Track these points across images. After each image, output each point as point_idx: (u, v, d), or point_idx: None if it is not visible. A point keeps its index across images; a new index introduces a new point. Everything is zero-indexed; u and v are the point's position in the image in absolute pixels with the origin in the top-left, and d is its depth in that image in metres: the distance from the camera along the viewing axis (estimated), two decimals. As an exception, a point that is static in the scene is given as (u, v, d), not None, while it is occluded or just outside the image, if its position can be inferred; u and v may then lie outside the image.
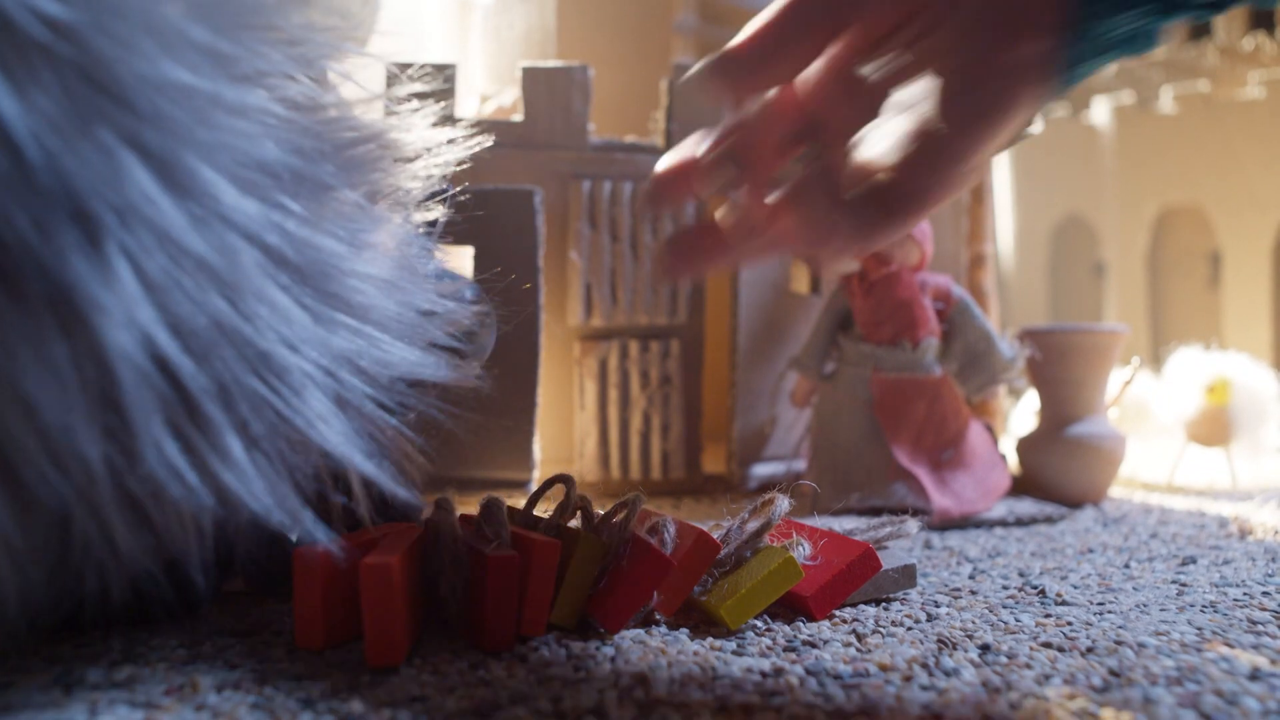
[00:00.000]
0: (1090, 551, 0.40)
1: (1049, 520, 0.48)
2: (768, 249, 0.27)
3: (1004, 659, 0.26)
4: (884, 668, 0.25)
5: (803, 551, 0.30)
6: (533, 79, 0.51)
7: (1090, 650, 0.26)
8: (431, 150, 0.29)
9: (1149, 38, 0.25)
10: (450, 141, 0.29)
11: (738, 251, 0.27)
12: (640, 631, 0.28)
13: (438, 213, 0.33)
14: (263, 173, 0.22)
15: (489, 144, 0.33)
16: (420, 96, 0.29)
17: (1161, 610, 0.31)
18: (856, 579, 0.30)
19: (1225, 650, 0.26)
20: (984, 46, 0.24)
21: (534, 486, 0.47)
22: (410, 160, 0.28)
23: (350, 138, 0.26)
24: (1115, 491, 0.59)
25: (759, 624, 0.29)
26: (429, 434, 0.35)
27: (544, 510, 0.32)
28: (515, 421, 0.46)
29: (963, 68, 0.24)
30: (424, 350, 0.27)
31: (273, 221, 0.22)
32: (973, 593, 0.33)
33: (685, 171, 0.28)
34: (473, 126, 0.51)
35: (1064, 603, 0.32)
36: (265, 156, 0.22)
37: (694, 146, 0.28)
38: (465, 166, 0.31)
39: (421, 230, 0.30)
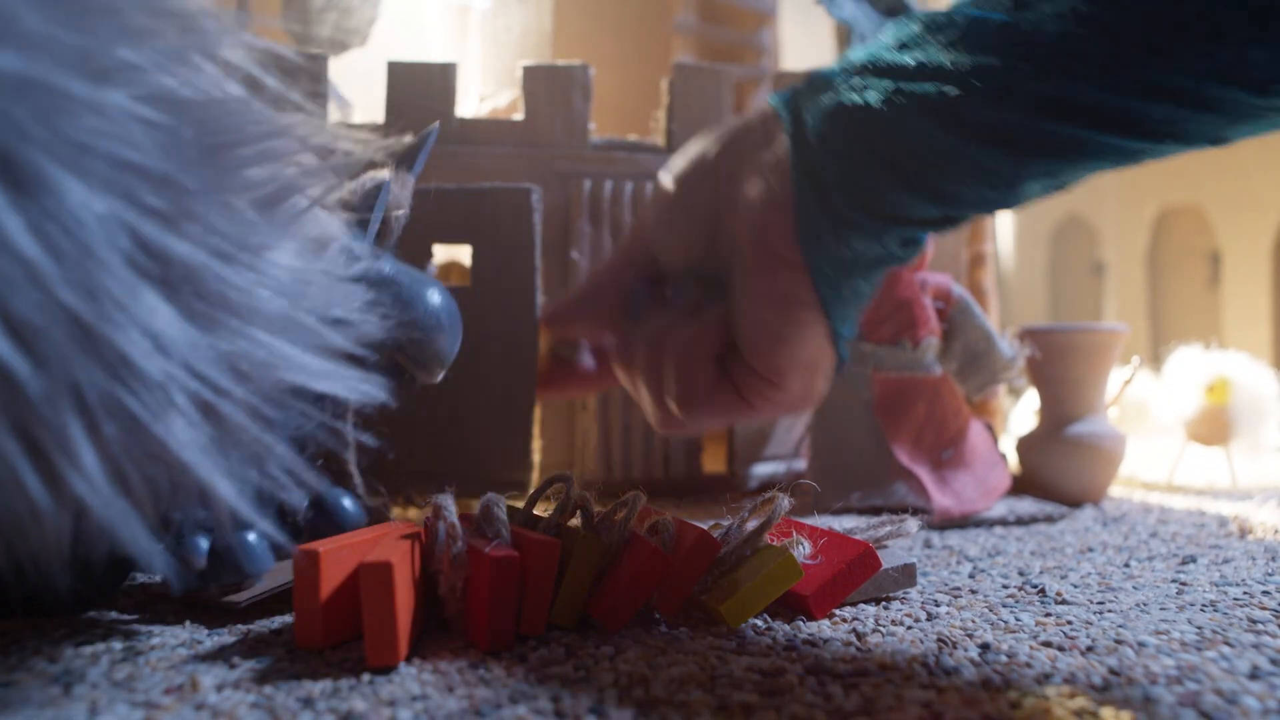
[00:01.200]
0: (1090, 551, 0.40)
1: (1049, 519, 0.48)
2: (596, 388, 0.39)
3: (1004, 658, 0.26)
4: (884, 667, 0.25)
5: (803, 550, 0.30)
6: (534, 78, 0.51)
7: (1090, 649, 0.26)
8: (339, 147, 0.27)
9: (914, 245, 0.30)
10: (358, 139, 0.28)
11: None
12: (640, 630, 0.28)
13: (354, 212, 0.32)
14: (124, 172, 0.21)
15: (395, 142, 0.33)
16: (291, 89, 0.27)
17: (1161, 609, 0.31)
18: (856, 578, 0.30)
19: (1225, 649, 0.26)
20: (751, 281, 0.29)
21: (532, 486, 0.47)
22: (319, 157, 0.27)
23: (240, 136, 0.24)
24: (1115, 491, 0.59)
25: (759, 623, 0.29)
26: (418, 431, 0.35)
27: (544, 509, 0.32)
28: (513, 421, 0.46)
29: (740, 300, 0.30)
30: (326, 358, 0.25)
31: (134, 222, 0.21)
32: (973, 592, 0.33)
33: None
34: (471, 126, 0.51)
35: (1064, 602, 0.32)
36: (126, 156, 0.21)
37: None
38: (466, 166, 0.31)
39: (343, 232, 0.29)
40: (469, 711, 0.22)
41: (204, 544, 0.28)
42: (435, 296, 0.34)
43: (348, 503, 0.34)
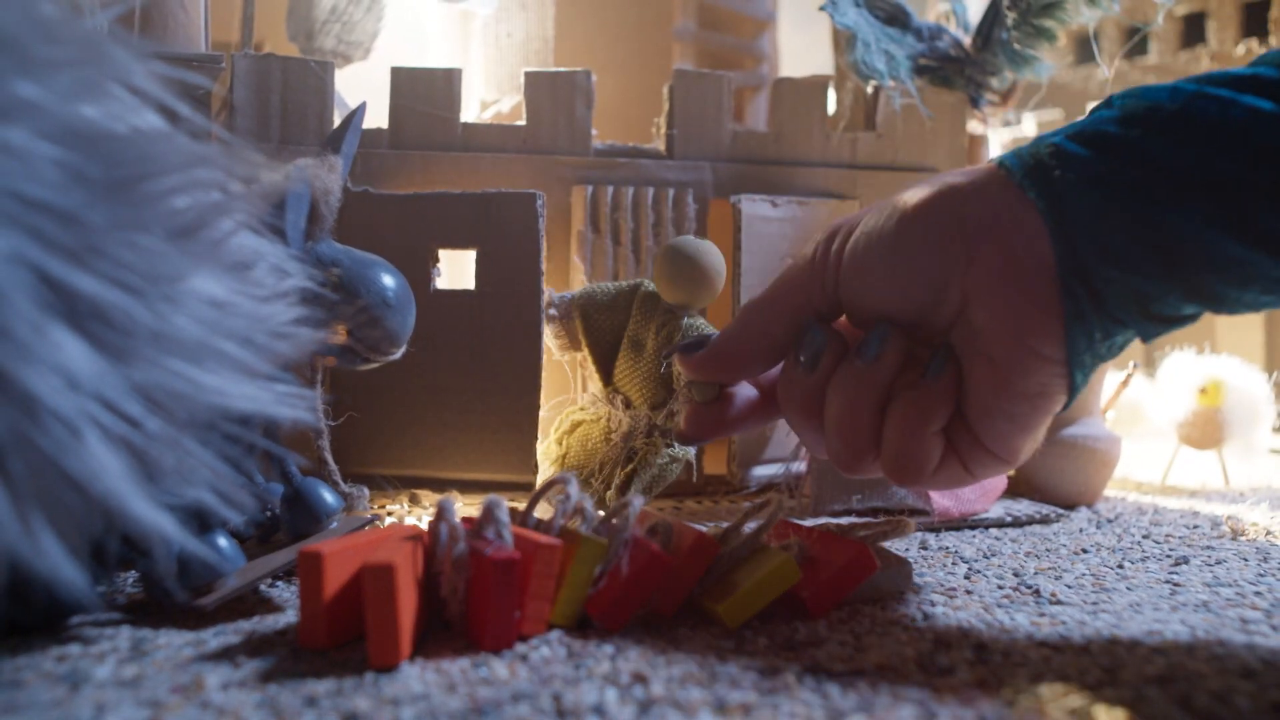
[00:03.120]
0: (1085, 552, 0.40)
1: (1044, 521, 0.48)
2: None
3: (999, 658, 0.26)
4: (880, 667, 0.25)
5: (800, 552, 0.30)
6: (535, 84, 0.52)
7: (1084, 649, 0.27)
8: (258, 173, 0.27)
9: (1166, 328, 0.28)
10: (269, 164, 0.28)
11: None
12: (640, 630, 0.28)
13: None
14: (27, 209, 0.21)
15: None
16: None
17: (1155, 610, 0.31)
18: (853, 579, 0.30)
19: (1218, 649, 0.26)
20: (1008, 377, 0.27)
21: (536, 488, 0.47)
22: (240, 183, 0.27)
23: (152, 167, 0.24)
24: (1109, 492, 0.60)
25: (757, 623, 0.29)
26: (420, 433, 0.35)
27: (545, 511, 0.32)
28: (517, 424, 0.47)
29: (991, 394, 0.28)
30: (248, 380, 0.25)
31: (38, 259, 0.21)
32: (968, 593, 0.33)
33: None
34: (473, 132, 0.51)
35: (1059, 602, 0.32)
36: (29, 193, 0.21)
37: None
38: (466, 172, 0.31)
39: (272, 249, 0.28)
40: (471, 711, 0.22)
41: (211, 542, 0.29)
42: (381, 277, 0.34)
43: (325, 493, 0.34)
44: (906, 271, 0.28)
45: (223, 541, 0.29)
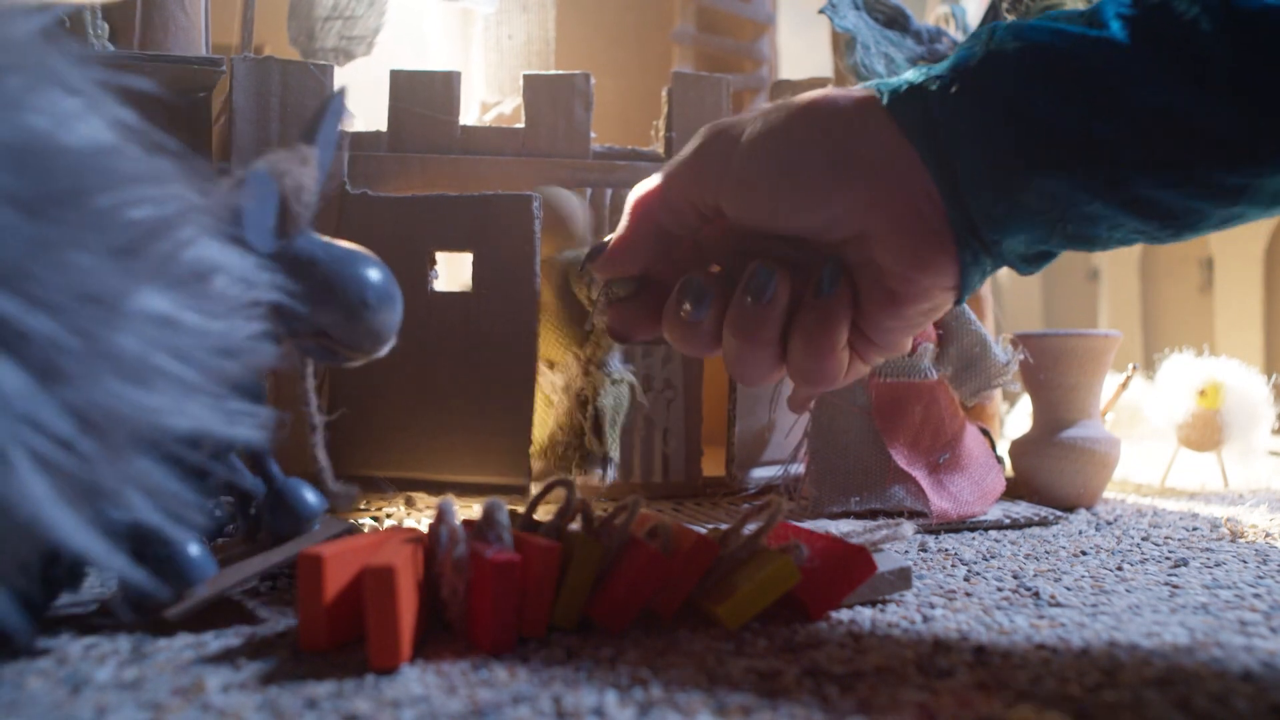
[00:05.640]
0: (1084, 554, 0.40)
1: (1043, 523, 0.48)
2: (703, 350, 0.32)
3: (998, 660, 0.26)
4: (880, 669, 0.25)
5: (800, 554, 0.31)
6: (534, 87, 0.52)
7: (1083, 652, 0.27)
8: (214, 182, 0.26)
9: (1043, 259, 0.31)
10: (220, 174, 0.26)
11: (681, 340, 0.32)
12: (640, 633, 0.28)
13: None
14: None
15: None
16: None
17: (1154, 612, 0.31)
18: (853, 581, 0.30)
19: (1217, 651, 0.27)
20: (906, 298, 0.30)
21: (531, 491, 0.47)
22: (197, 193, 0.25)
23: (95, 183, 0.23)
24: (1108, 494, 0.60)
25: (757, 625, 0.29)
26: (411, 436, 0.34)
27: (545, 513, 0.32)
28: (514, 426, 0.47)
29: (887, 313, 0.30)
30: (193, 397, 0.24)
31: None
32: (967, 595, 0.33)
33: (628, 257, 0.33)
34: (473, 134, 0.51)
35: (1058, 604, 0.32)
36: None
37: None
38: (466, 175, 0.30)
39: (234, 260, 0.27)
40: (471, 713, 0.22)
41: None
42: (362, 272, 0.33)
43: (308, 494, 0.34)
44: (795, 199, 0.29)
45: (193, 549, 0.29)
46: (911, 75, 0.29)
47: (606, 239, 0.34)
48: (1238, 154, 0.26)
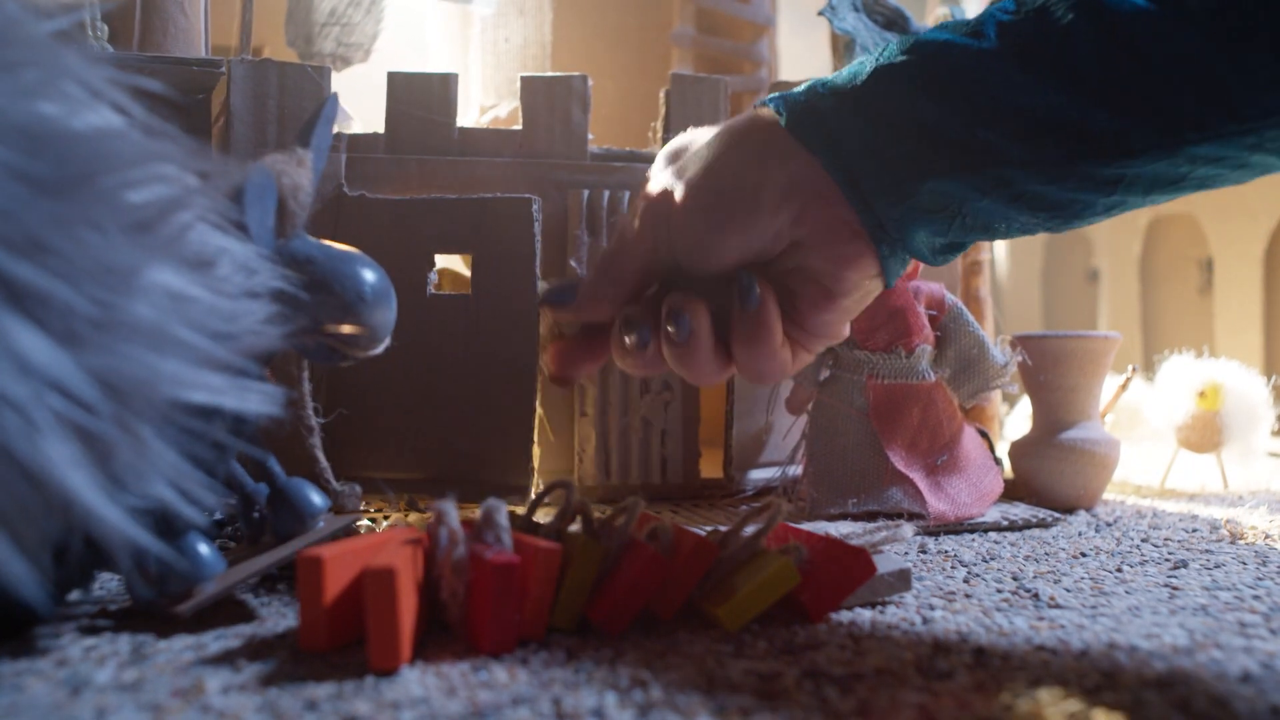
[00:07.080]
0: (1083, 555, 0.40)
1: (1042, 524, 0.48)
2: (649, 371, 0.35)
3: (998, 662, 0.26)
4: (879, 670, 0.25)
5: (799, 555, 0.31)
6: (531, 89, 0.52)
7: (1083, 653, 0.27)
8: (216, 171, 0.27)
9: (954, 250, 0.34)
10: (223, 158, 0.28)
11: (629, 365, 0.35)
12: (639, 634, 0.28)
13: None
14: None
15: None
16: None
17: (1153, 613, 0.31)
18: (852, 583, 0.30)
19: (1216, 652, 0.27)
20: (837, 294, 0.33)
21: (534, 492, 0.47)
22: (199, 179, 0.26)
23: (107, 164, 0.24)
24: (1108, 495, 0.60)
25: (756, 627, 0.29)
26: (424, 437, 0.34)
27: (545, 515, 0.32)
28: (514, 427, 0.47)
29: (823, 310, 0.33)
30: (208, 372, 0.25)
31: None
32: (967, 596, 0.33)
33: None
34: (470, 136, 0.51)
35: (1057, 606, 0.32)
36: None
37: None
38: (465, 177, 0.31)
39: (238, 246, 0.28)
40: (471, 714, 0.22)
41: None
42: (357, 272, 0.33)
43: (311, 493, 0.34)
44: (737, 240, 0.32)
45: (202, 547, 0.29)
46: (802, 91, 0.32)
47: (564, 281, 0.37)
48: (1110, 148, 0.28)
